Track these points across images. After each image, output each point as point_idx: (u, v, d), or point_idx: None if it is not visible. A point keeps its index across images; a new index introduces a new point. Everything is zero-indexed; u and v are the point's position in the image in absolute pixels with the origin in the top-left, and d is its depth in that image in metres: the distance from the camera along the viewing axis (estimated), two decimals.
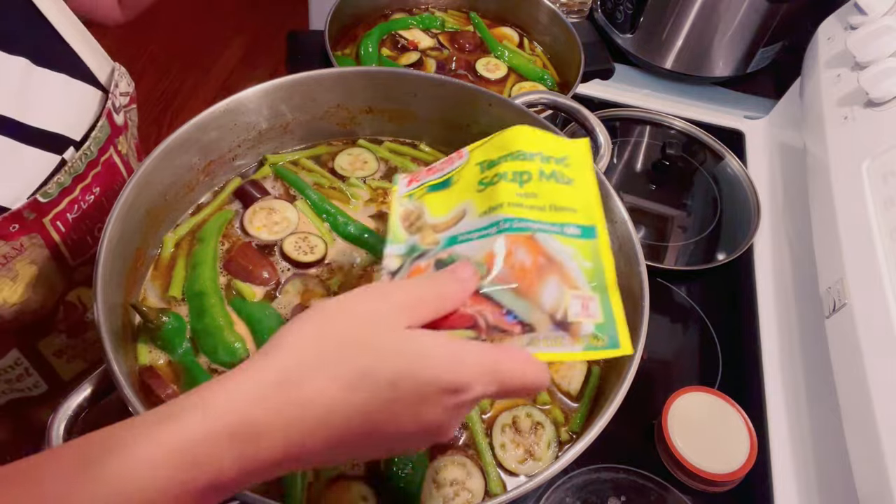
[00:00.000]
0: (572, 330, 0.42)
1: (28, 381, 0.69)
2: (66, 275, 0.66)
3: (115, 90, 0.67)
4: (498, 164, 0.46)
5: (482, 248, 0.43)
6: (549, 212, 0.45)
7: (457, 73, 1.00)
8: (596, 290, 0.44)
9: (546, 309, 0.42)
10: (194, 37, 2.53)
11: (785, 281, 0.96)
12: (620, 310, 0.44)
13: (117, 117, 0.68)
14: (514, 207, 0.44)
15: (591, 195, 0.48)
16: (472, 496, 0.56)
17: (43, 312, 0.66)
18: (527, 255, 0.42)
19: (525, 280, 0.42)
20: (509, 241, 0.42)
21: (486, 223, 0.44)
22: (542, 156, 0.46)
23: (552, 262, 0.43)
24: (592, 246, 0.45)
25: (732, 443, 0.76)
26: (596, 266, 0.44)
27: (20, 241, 0.59)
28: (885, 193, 0.68)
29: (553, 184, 0.46)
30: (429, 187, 0.51)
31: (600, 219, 0.47)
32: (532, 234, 0.43)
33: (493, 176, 0.46)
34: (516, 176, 0.45)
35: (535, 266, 0.42)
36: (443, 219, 0.48)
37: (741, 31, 1.14)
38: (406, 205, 0.51)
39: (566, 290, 0.43)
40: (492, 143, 0.48)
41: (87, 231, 0.66)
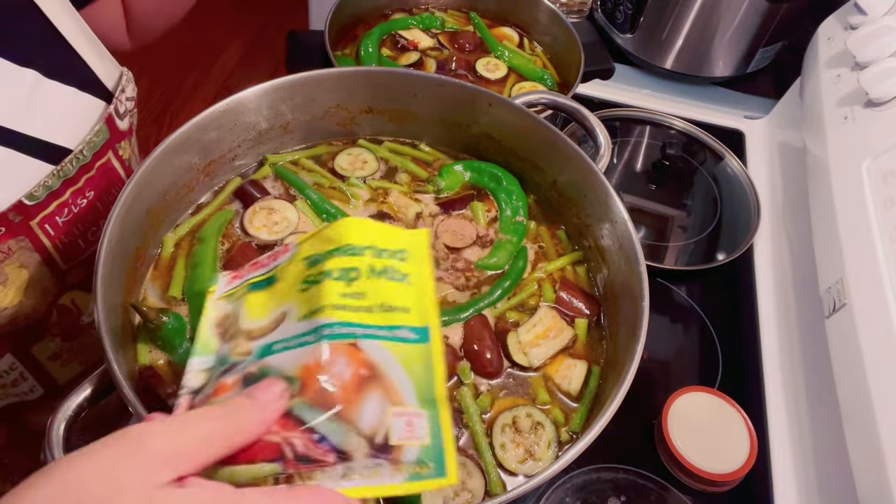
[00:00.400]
0: (393, 456, 0.38)
1: (23, 386, 0.69)
2: (59, 278, 0.66)
3: (120, 95, 0.67)
4: (324, 260, 0.42)
5: (297, 359, 0.39)
6: (378, 313, 0.41)
7: (457, 73, 1.00)
8: (424, 405, 0.40)
9: (365, 431, 0.37)
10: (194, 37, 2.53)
11: (785, 281, 0.96)
12: (449, 429, 0.40)
13: (121, 122, 0.68)
14: (337, 310, 0.40)
15: (427, 292, 0.44)
16: (472, 496, 0.56)
17: (36, 316, 0.65)
18: (347, 367, 0.38)
19: (343, 398, 0.37)
20: (328, 350, 0.38)
21: (304, 329, 0.40)
22: (374, 249, 0.43)
23: (375, 374, 0.39)
24: (425, 351, 0.41)
25: (732, 443, 0.76)
26: (426, 376, 0.40)
27: (7, 245, 0.59)
28: (885, 193, 0.68)
29: (384, 281, 0.42)
30: (250, 285, 0.46)
31: (434, 319, 0.43)
32: (356, 340, 0.39)
33: (318, 274, 0.42)
34: (343, 273, 0.41)
35: (356, 380, 0.38)
36: (259, 323, 0.43)
37: (741, 31, 1.14)
38: (223, 308, 0.46)
39: (389, 408, 0.38)
40: (320, 236, 0.44)
41: (80, 235, 0.66)
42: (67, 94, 0.62)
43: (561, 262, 0.72)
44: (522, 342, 0.65)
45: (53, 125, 0.61)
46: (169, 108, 2.45)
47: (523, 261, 0.71)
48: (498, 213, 0.75)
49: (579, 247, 0.74)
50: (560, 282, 0.70)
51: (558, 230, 0.75)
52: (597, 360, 0.66)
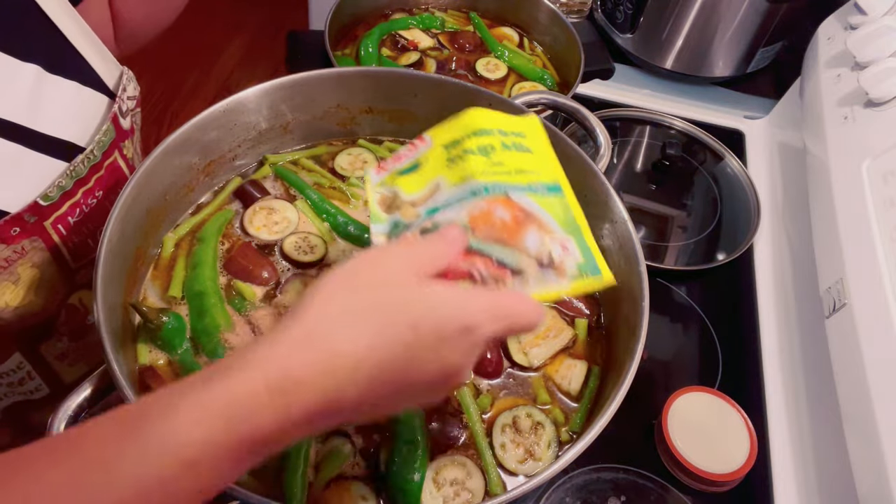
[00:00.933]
0: (557, 269, 0.47)
1: (30, 385, 0.69)
2: (68, 278, 0.66)
3: (122, 94, 0.67)
4: (462, 142, 0.50)
5: (465, 210, 0.47)
6: (517, 175, 0.49)
7: (457, 73, 1.00)
8: (570, 232, 0.49)
9: (531, 254, 0.46)
10: (194, 37, 2.53)
11: (785, 281, 0.96)
12: (595, 247, 0.49)
13: (124, 121, 0.68)
14: (485, 175, 0.48)
15: (551, 159, 0.53)
16: (472, 496, 0.56)
17: (45, 315, 0.66)
18: (505, 212, 0.47)
19: (508, 233, 0.46)
20: (487, 202, 0.47)
21: (461, 192, 0.48)
22: (501, 131, 0.51)
23: (529, 215, 0.47)
24: (560, 200, 0.50)
25: (732, 443, 0.76)
26: (566, 215, 0.50)
27: (21, 245, 0.59)
28: (885, 193, 0.68)
29: (515, 153, 0.51)
30: (398, 173, 0.54)
31: (562, 177, 0.52)
32: (506, 194, 0.47)
33: (461, 152, 0.50)
34: (482, 150, 0.49)
35: (515, 220, 0.47)
36: (419, 195, 0.51)
37: (741, 31, 1.14)
38: (381, 191, 0.54)
39: (545, 236, 0.47)
40: (452, 126, 0.52)
41: (89, 234, 0.66)
42: (70, 90, 0.62)
43: None
44: (522, 342, 0.65)
45: (59, 121, 0.61)
46: (169, 108, 2.45)
47: None
48: None
49: None
50: None
51: None
52: (597, 360, 0.66)
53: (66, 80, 0.62)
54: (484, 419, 0.61)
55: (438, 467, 0.57)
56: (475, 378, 0.63)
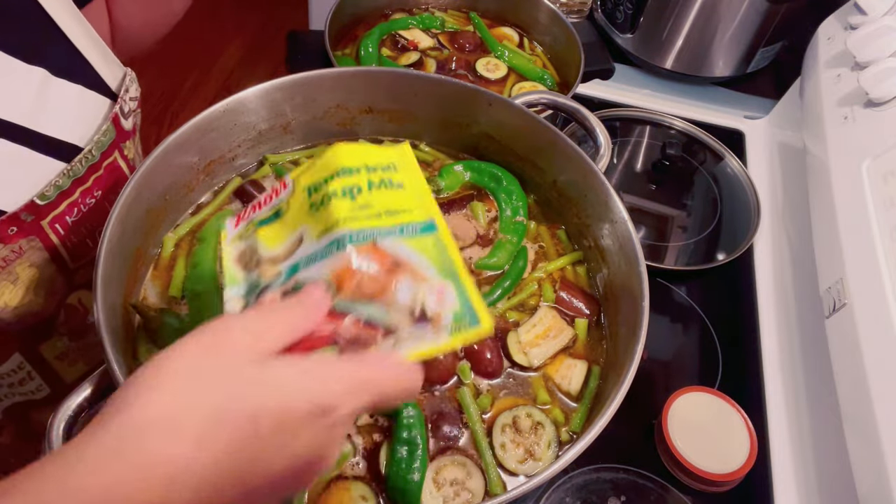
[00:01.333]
0: (433, 322, 0.43)
1: (30, 385, 0.70)
2: (67, 278, 0.66)
3: (124, 95, 0.67)
4: (325, 185, 0.46)
5: (327, 267, 0.42)
6: (386, 217, 0.45)
7: (457, 73, 1.00)
8: (446, 276, 0.45)
9: (404, 308, 0.42)
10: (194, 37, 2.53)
11: (785, 281, 0.96)
12: (475, 291, 0.45)
13: (125, 122, 0.68)
14: (350, 221, 0.43)
15: (423, 192, 0.49)
16: (472, 496, 0.56)
17: (44, 315, 0.66)
18: (373, 263, 0.42)
19: (377, 286, 0.42)
20: (353, 253, 0.42)
21: (325, 243, 0.43)
22: (367, 167, 0.47)
23: (399, 262, 0.43)
24: (434, 239, 0.46)
25: (732, 443, 0.76)
26: (442, 256, 0.45)
27: (19, 244, 0.59)
28: (885, 193, 0.68)
29: (384, 191, 0.46)
30: (258, 223, 0.49)
31: (436, 212, 0.48)
32: (374, 240, 0.43)
33: (323, 197, 0.45)
34: (346, 191, 0.45)
35: (385, 270, 0.43)
36: (279, 250, 0.47)
37: (741, 31, 1.14)
38: (238, 246, 0.49)
39: (419, 285, 0.43)
40: (314, 167, 0.48)
41: (88, 234, 0.66)
42: (75, 93, 0.62)
43: (561, 261, 0.72)
44: (522, 342, 0.65)
45: (63, 123, 0.61)
46: (169, 108, 2.45)
47: (523, 261, 0.71)
48: (498, 212, 0.75)
49: (579, 247, 0.74)
50: (560, 282, 0.70)
51: (558, 230, 0.75)
52: (597, 360, 0.66)
53: (71, 83, 0.62)
54: (484, 419, 0.61)
55: (438, 467, 0.57)
56: (475, 378, 0.63)
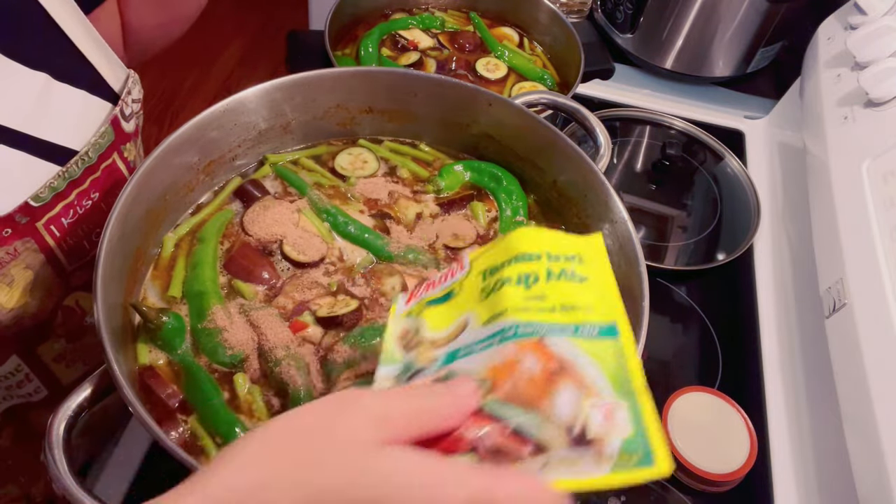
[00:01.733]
0: (595, 447, 0.36)
1: (28, 387, 0.69)
2: (63, 279, 0.66)
3: (126, 97, 0.67)
4: (501, 269, 0.43)
5: (485, 361, 0.39)
6: (561, 313, 0.40)
7: (457, 73, 1.00)
8: (622, 395, 0.38)
9: (561, 422, 0.36)
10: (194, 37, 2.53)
11: (785, 281, 0.96)
12: (654, 418, 0.37)
13: (126, 124, 0.68)
14: (520, 312, 0.39)
15: (610, 290, 0.43)
16: None
17: (41, 317, 0.66)
18: (536, 363, 0.37)
19: (535, 391, 0.37)
20: (515, 348, 0.38)
21: (489, 332, 0.40)
22: (549, 255, 0.43)
23: (565, 367, 0.37)
24: (615, 346, 0.39)
25: (732, 443, 0.76)
26: (620, 368, 0.39)
27: (14, 246, 0.59)
28: (885, 193, 0.68)
29: (563, 283, 0.41)
30: (427, 302, 0.47)
31: (621, 315, 0.41)
32: (541, 338, 0.38)
33: (497, 282, 0.42)
34: (521, 279, 0.41)
35: (546, 373, 0.37)
36: (442, 333, 0.43)
37: (741, 31, 1.14)
38: (403, 324, 0.46)
39: (583, 399, 0.37)
40: (495, 249, 0.45)
41: (84, 236, 0.66)
42: (76, 97, 0.62)
43: None
44: None
45: (63, 127, 0.61)
46: (169, 108, 2.45)
47: None
48: (498, 213, 0.75)
49: None
50: None
51: (558, 230, 0.75)
52: None
53: (73, 87, 0.62)
54: None
55: None
56: None
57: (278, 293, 0.65)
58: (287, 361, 0.58)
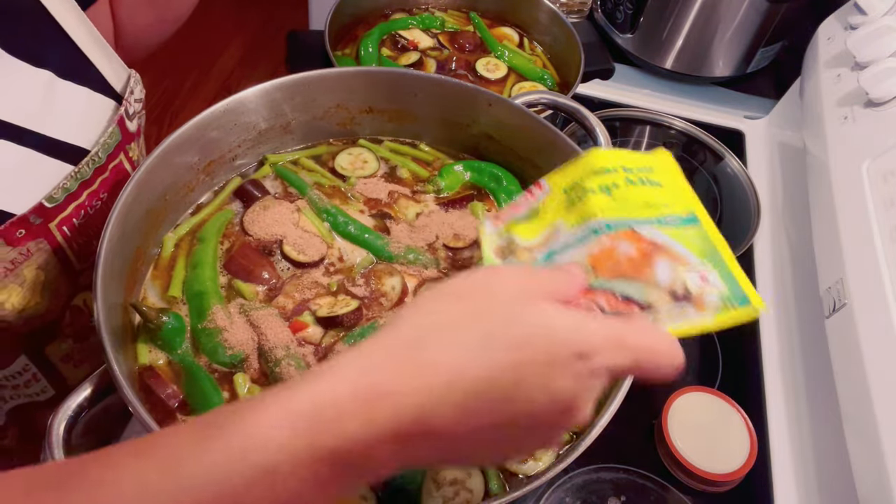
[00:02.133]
0: (696, 301, 0.41)
1: (36, 387, 0.70)
2: (72, 279, 0.66)
3: (129, 97, 0.67)
4: (581, 183, 0.46)
5: (584, 252, 0.42)
6: (644, 209, 0.44)
7: (457, 73, 1.00)
8: (710, 262, 0.43)
9: (663, 286, 0.41)
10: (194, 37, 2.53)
11: (785, 281, 0.96)
12: (742, 275, 0.43)
13: (130, 124, 0.68)
14: (607, 212, 0.43)
15: (685, 191, 0.47)
16: (472, 496, 0.56)
17: (50, 317, 0.66)
18: (630, 247, 0.42)
19: (634, 267, 0.41)
20: (609, 238, 0.42)
21: (580, 232, 0.43)
22: (624, 167, 0.46)
23: (658, 246, 0.42)
24: (697, 230, 0.44)
25: (732, 443, 0.76)
26: (705, 245, 0.44)
27: (27, 247, 0.59)
28: (885, 193, 0.68)
29: (641, 187, 0.45)
30: (515, 221, 0.50)
31: (699, 207, 0.46)
32: (631, 228, 0.42)
33: (580, 193, 0.45)
34: (603, 188, 0.44)
35: (642, 253, 0.42)
36: (535, 240, 0.47)
37: (741, 31, 1.14)
38: (496, 241, 0.49)
39: (679, 267, 0.42)
40: (571, 169, 0.48)
41: (94, 236, 0.66)
42: (81, 95, 0.62)
43: None
44: None
45: (69, 125, 0.61)
46: (169, 108, 2.45)
47: None
48: None
49: None
50: None
51: None
52: None
53: (77, 85, 0.62)
54: None
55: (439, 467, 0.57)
56: None
57: (278, 293, 0.65)
58: (287, 361, 0.58)
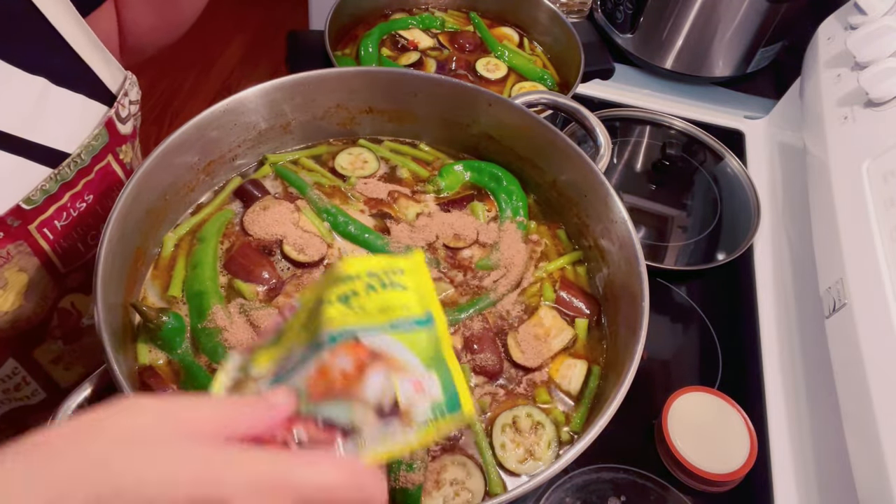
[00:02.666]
0: (403, 416, 0.38)
1: (26, 390, 0.69)
2: (58, 282, 0.66)
3: (123, 99, 0.67)
4: (322, 295, 0.43)
5: (304, 373, 0.39)
6: (377, 315, 0.41)
7: (457, 73, 1.00)
8: (432, 367, 0.40)
9: (370, 402, 0.38)
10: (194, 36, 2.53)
11: (785, 281, 0.96)
12: (460, 375, 0.41)
13: (122, 126, 0.67)
14: (335, 322, 0.40)
15: (428, 291, 0.44)
16: (472, 496, 0.56)
17: (36, 320, 0.65)
18: (348, 360, 0.38)
19: (346, 383, 0.38)
20: (330, 353, 0.39)
21: (308, 350, 0.40)
22: (369, 272, 0.43)
23: (377, 356, 0.39)
24: (429, 333, 0.41)
25: (732, 443, 0.76)
26: (432, 347, 0.41)
27: (6, 250, 0.59)
28: (885, 193, 0.68)
29: (382, 292, 0.42)
30: (259, 349, 0.46)
31: (436, 306, 0.43)
32: (356, 339, 0.39)
33: (318, 306, 0.42)
34: (341, 298, 0.41)
35: (357, 366, 0.38)
36: (266, 368, 0.43)
37: (741, 31, 1.14)
38: (234, 375, 0.45)
39: (394, 376, 0.39)
40: (320, 282, 0.45)
41: (79, 238, 0.66)
42: (73, 101, 0.62)
43: (561, 261, 0.72)
44: (522, 342, 0.65)
45: (59, 131, 0.61)
46: (169, 108, 2.45)
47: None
48: (498, 212, 0.75)
49: (579, 247, 0.74)
50: (560, 281, 0.70)
51: (558, 230, 0.75)
52: (597, 360, 0.66)
53: (71, 91, 0.62)
54: (484, 419, 0.61)
55: (438, 467, 0.57)
56: (475, 378, 0.63)
57: (278, 293, 0.65)
58: None
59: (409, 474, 0.55)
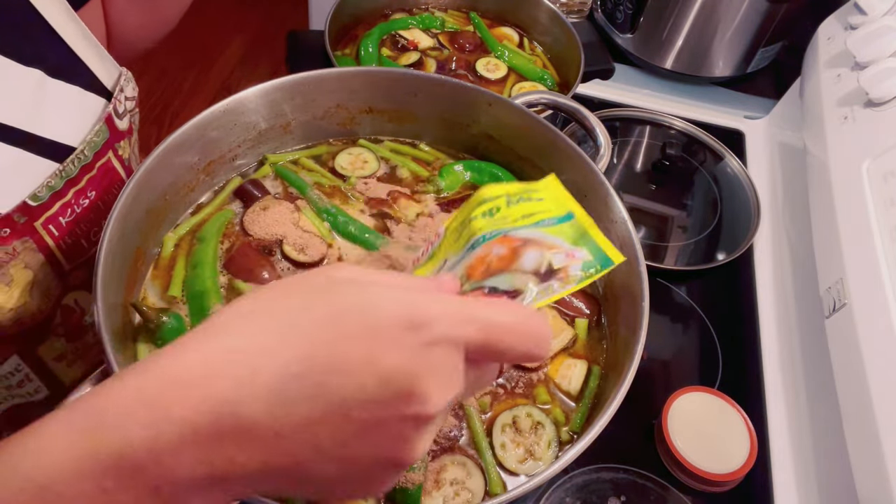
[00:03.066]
0: (560, 275, 0.43)
1: (29, 387, 0.69)
2: (62, 279, 0.66)
3: (119, 95, 0.67)
4: (468, 216, 0.46)
5: (462, 266, 0.43)
6: (521, 220, 0.45)
7: (457, 73, 1.00)
8: (580, 244, 0.45)
9: (528, 270, 0.42)
10: (194, 37, 2.53)
11: (785, 281, 0.96)
12: (603, 239, 0.45)
13: (120, 122, 0.68)
14: (485, 228, 0.44)
15: (567, 198, 0.48)
16: (472, 496, 0.56)
17: (40, 317, 0.66)
18: (502, 247, 0.43)
19: (503, 262, 0.43)
20: (484, 247, 0.43)
21: (463, 252, 0.44)
22: (508, 193, 0.47)
23: (529, 241, 0.43)
24: (571, 224, 0.46)
25: (732, 443, 0.76)
26: (578, 233, 0.45)
27: (13, 246, 0.59)
28: (885, 193, 0.68)
29: (522, 204, 0.46)
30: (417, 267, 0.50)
31: (576, 207, 0.47)
32: (505, 234, 0.43)
33: (466, 224, 0.46)
34: (486, 213, 0.45)
35: (511, 249, 0.43)
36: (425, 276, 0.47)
37: (741, 31, 1.14)
38: None
39: (546, 252, 0.43)
40: (462, 209, 0.48)
41: (83, 235, 0.66)
42: (70, 94, 0.62)
43: None
44: None
45: (58, 124, 0.61)
46: (169, 108, 2.45)
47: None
48: None
49: None
50: None
51: None
52: (597, 360, 0.66)
53: (67, 84, 0.62)
54: (484, 419, 0.61)
55: (438, 467, 0.57)
56: None
57: None
58: None
59: (408, 474, 0.55)
